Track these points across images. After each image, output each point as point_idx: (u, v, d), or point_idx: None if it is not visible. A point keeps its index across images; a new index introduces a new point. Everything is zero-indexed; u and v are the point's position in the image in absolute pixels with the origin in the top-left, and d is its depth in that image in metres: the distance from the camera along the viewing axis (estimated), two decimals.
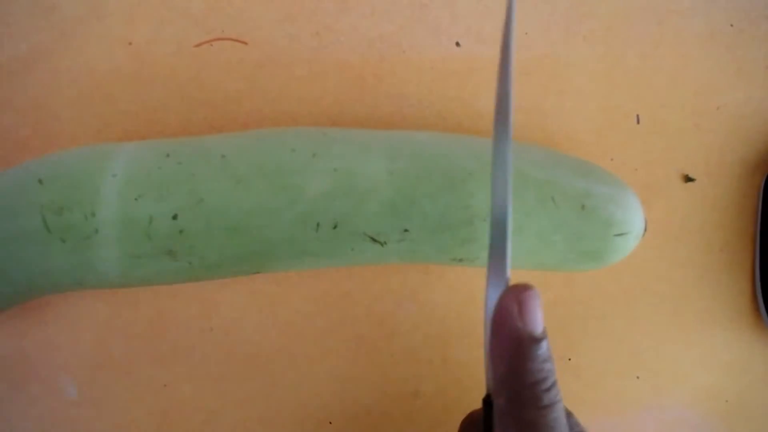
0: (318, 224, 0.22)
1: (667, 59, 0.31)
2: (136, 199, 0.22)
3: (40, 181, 0.22)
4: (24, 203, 0.22)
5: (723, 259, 0.31)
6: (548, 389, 0.19)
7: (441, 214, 0.21)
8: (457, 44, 0.31)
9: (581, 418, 0.31)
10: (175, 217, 0.22)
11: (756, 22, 0.31)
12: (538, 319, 0.19)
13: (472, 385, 0.31)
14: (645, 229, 0.25)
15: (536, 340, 0.19)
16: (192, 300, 0.30)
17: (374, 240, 0.22)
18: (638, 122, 0.31)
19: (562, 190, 0.22)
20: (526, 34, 0.31)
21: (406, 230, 0.21)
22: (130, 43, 0.30)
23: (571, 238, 0.23)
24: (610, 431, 0.31)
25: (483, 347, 0.21)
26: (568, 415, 0.22)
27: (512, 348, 0.19)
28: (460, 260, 0.23)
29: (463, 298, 0.31)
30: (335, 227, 0.22)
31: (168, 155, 0.23)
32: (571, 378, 0.31)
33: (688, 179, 0.31)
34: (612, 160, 0.31)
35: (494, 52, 0.31)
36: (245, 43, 0.31)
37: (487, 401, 0.21)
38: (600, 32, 0.31)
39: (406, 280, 0.30)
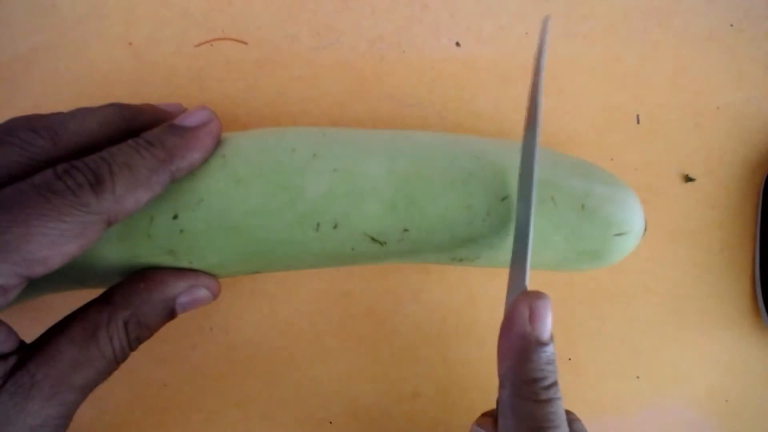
0: (318, 224, 0.22)
1: (666, 59, 0.31)
2: None
3: None
4: None
5: (723, 259, 0.31)
6: (547, 387, 0.20)
7: (441, 214, 0.21)
8: (457, 44, 0.31)
9: (581, 417, 0.31)
10: (175, 217, 0.22)
11: (756, 22, 0.31)
12: (547, 326, 0.21)
13: (472, 385, 0.31)
14: (645, 229, 0.25)
15: (542, 344, 0.20)
16: None
17: (374, 240, 0.22)
18: (638, 122, 0.31)
19: (562, 190, 0.22)
20: (526, 34, 0.31)
21: (406, 230, 0.21)
22: (130, 43, 0.30)
23: (571, 238, 0.23)
24: (610, 431, 0.31)
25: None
26: (573, 420, 0.22)
27: (518, 348, 0.20)
28: (460, 260, 0.23)
29: (464, 298, 0.31)
30: (335, 227, 0.22)
31: None
32: (571, 378, 0.31)
33: (688, 179, 0.31)
34: (612, 159, 0.31)
35: (494, 52, 0.31)
36: (245, 43, 0.31)
37: None
38: (600, 32, 0.31)
39: (406, 280, 0.30)
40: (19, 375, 0.18)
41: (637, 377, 0.31)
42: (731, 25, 0.31)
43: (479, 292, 0.31)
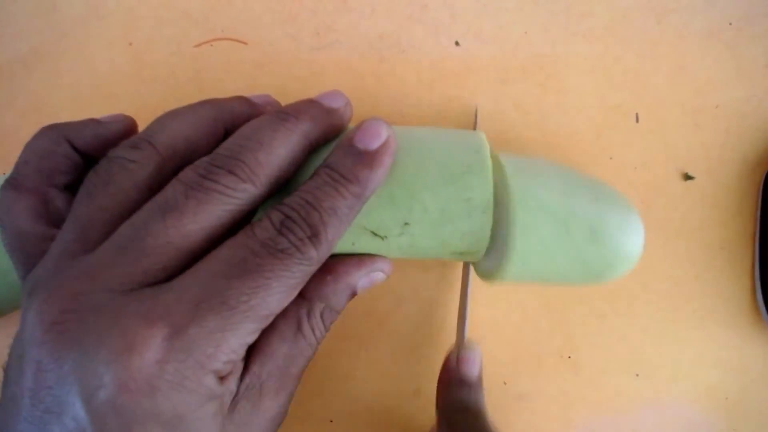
0: None
1: (666, 58, 0.31)
2: None
3: None
4: None
5: (723, 257, 0.31)
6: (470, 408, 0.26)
7: (441, 207, 0.21)
8: (457, 44, 0.31)
9: (581, 415, 0.31)
10: None
11: (755, 20, 0.31)
12: (473, 370, 0.27)
13: None
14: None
15: (464, 384, 0.26)
16: None
17: (375, 234, 0.22)
18: (637, 121, 0.31)
19: (571, 214, 0.22)
20: (526, 33, 0.31)
21: (406, 224, 0.21)
22: (130, 43, 0.31)
23: (577, 261, 0.23)
24: (610, 429, 0.31)
25: None
26: None
27: (446, 382, 0.27)
28: (461, 254, 0.23)
29: None
30: None
31: None
32: (571, 375, 0.31)
33: (687, 177, 0.31)
34: (611, 158, 0.31)
35: (493, 52, 0.31)
36: (245, 43, 0.31)
37: None
38: (599, 31, 0.31)
39: (406, 279, 0.31)
40: (249, 380, 0.20)
41: (637, 375, 0.31)
42: (730, 24, 0.31)
43: (480, 291, 0.31)
